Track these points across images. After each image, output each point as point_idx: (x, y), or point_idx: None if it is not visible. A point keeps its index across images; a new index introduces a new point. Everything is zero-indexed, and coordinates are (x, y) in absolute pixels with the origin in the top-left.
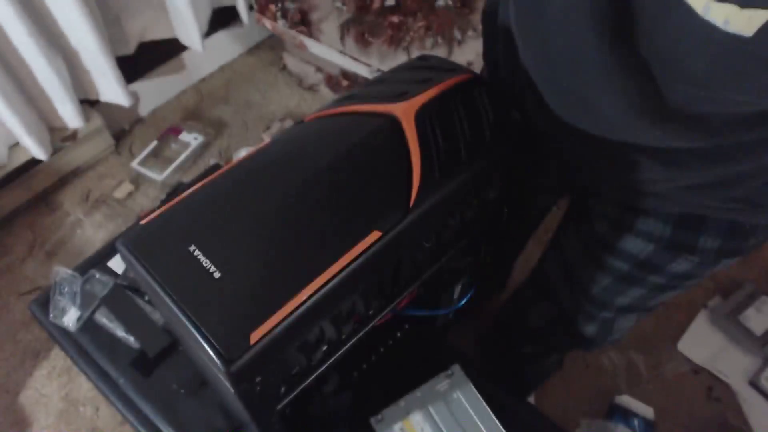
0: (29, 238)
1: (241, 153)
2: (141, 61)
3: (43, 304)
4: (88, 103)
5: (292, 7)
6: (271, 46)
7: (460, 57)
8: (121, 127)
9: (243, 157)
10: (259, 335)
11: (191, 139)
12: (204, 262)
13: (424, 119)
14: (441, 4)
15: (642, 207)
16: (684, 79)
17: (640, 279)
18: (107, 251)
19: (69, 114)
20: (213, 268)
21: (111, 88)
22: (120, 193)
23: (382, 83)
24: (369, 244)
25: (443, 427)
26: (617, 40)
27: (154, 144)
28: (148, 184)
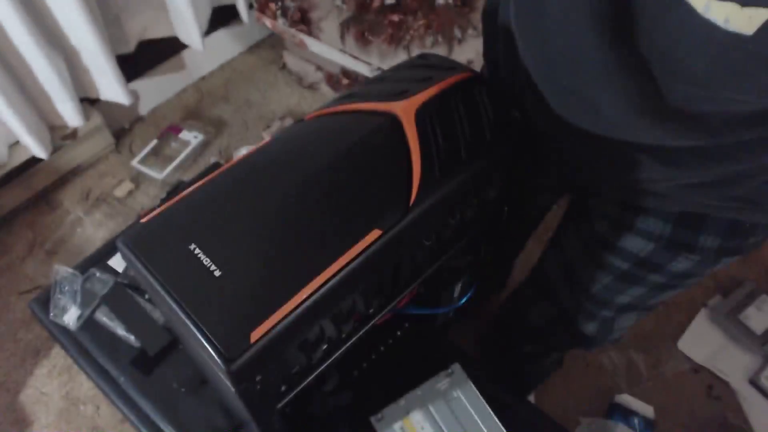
0: (29, 237)
1: (242, 151)
2: (141, 59)
3: (43, 303)
4: (88, 101)
5: (292, 5)
6: (271, 45)
7: (461, 55)
8: (121, 126)
9: (243, 156)
10: (260, 334)
11: (191, 137)
12: (204, 260)
13: (424, 118)
14: (441, 2)
15: (642, 206)
16: (684, 78)
17: (640, 278)
18: (107, 250)
19: (69, 112)
20: (213, 267)
21: (111, 86)
22: (120, 191)
23: (383, 82)
24: (369, 243)
25: (443, 426)
26: (617, 39)
27: (154, 142)
28: (149, 182)
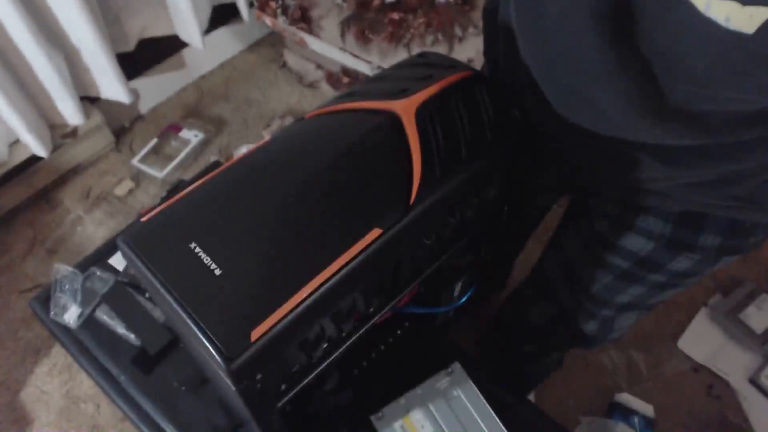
0: (30, 236)
1: (242, 150)
2: (141, 58)
3: (43, 302)
4: (89, 100)
5: (292, 4)
6: (272, 43)
7: (461, 54)
8: (121, 125)
9: (243, 155)
10: (260, 333)
11: (191, 136)
12: (205, 259)
13: (424, 116)
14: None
15: (642, 205)
16: (684, 77)
17: (640, 277)
18: (108, 248)
19: (69, 111)
20: (214, 266)
21: (111, 85)
22: (120, 190)
23: (383, 80)
24: (369, 242)
25: (444, 425)
26: (617, 39)
27: (154, 141)
28: (149, 181)
